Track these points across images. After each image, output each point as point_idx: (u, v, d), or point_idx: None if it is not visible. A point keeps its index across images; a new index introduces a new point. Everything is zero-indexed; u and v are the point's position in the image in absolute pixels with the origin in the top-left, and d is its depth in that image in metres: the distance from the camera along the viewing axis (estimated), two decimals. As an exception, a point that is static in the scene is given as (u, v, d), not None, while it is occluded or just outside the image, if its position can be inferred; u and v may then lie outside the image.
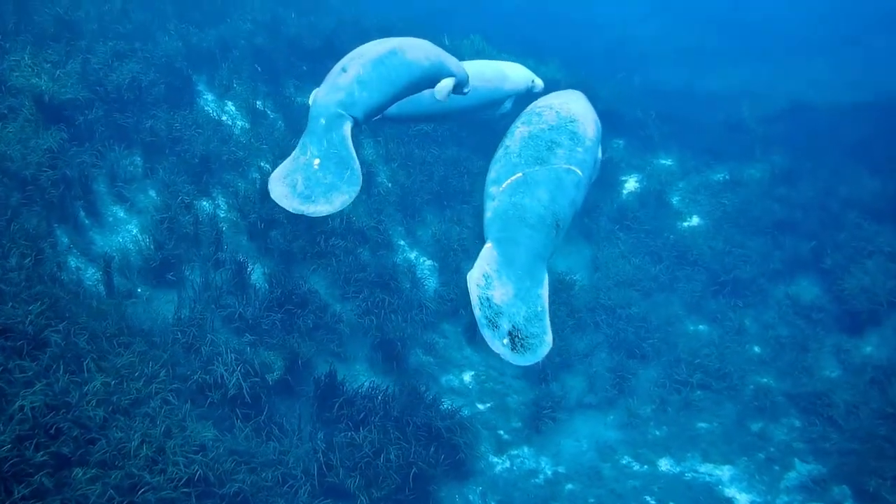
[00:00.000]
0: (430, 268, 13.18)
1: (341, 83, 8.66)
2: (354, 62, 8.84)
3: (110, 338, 8.70)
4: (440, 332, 12.42)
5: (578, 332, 12.78)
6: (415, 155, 14.37)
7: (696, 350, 12.59)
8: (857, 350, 12.83)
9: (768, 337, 13.06)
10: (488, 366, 12.24)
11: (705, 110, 17.68)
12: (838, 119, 17.25)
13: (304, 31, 15.97)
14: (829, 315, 13.28)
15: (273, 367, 9.61)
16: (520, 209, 8.23)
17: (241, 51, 15.06)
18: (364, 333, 11.53)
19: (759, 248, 14.09)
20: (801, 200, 14.79)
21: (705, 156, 16.45)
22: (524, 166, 8.63)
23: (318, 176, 8.09)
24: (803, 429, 11.75)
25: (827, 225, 14.38)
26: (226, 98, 14.06)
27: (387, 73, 8.82)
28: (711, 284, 13.67)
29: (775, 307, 13.48)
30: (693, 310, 13.52)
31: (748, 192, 15.26)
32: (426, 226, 13.75)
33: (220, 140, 12.66)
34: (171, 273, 10.36)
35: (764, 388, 12.24)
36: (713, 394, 12.24)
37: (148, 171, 11.59)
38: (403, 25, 18.18)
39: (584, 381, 12.26)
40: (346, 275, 11.98)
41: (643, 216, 14.45)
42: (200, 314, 9.85)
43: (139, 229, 10.85)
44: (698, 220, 15.08)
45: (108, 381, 8.13)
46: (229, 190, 12.23)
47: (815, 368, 12.49)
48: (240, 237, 11.75)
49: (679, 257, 13.98)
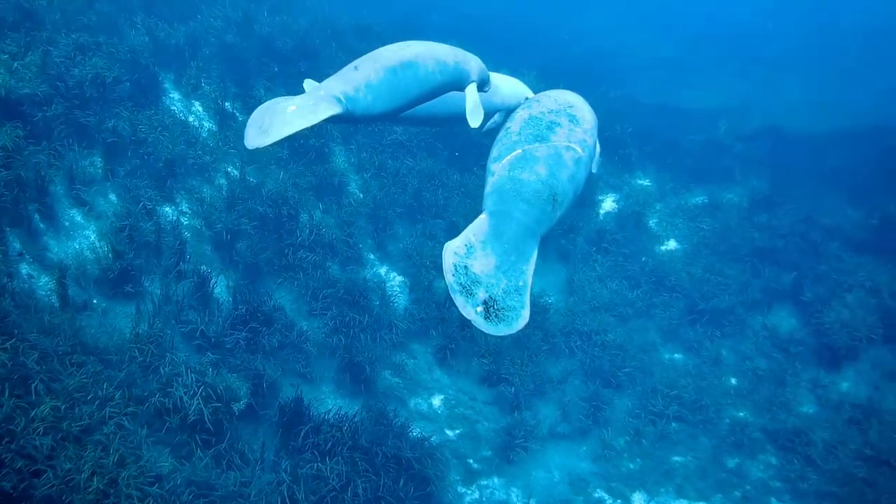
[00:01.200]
0: (401, 284, 12.67)
1: (351, 78, 8.45)
2: (368, 64, 8.54)
3: (62, 356, 8.06)
4: (410, 352, 11.93)
5: (553, 357, 12.38)
6: (388, 166, 13.86)
7: (673, 381, 12.26)
8: (833, 386, 12.62)
9: (745, 369, 12.78)
10: (458, 390, 11.78)
11: (683, 128, 17.41)
12: (815, 144, 17.07)
13: (276, 31, 15.38)
14: (807, 348, 13.04)
15: (238, 393, 9.00)
16: (517, 183, 8.17)
17: (211, 49, 14.43)
18: (331, 354, 11.00)
19: (737, 277, 13.83)
20: (781, 229, 14.55)
21: (684, 177, 16.16)
22: (523, 144, 8.61)
23: (284, 115, 7.83)
24: (780, 467, 11.47)
25: (807, 255, 14.15)
26: (193, 98, 13.42)
27: (397, 85, 8.58)
28: (689, 312, 13.36)
29: (752, 338, 13.22)
30: (669, 337, 13.18)
31: (727, 218, 14.99)
32: (397, 240, 13.26)
33: (187, 143, 12.02)
34: (130, 285, 9.69)
35: (740, 422, 11.94)
36: (689, 426, 11.91)
37: (108, 173, 10.89)
38: (380, 28, 17.70)
39: (557, 410, 11.85)
40: (314, 290, 11.46)
41: (621, 239, 14.07)
42: (160, 330, 9.22)
43: (97, 235, 10.17)
44: (675, 245, 14.75)
45: (57, 405, 7.49)
46: (194, 196, 11.61)
47: (793, 404, 12.24)
48: (203, 246, 11.15)
49: (657, 283, 13.64)
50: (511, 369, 11.80)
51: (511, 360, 11.89)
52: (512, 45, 19.74)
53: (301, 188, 12.73)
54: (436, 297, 12.53)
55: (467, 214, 13.44)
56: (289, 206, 12.03)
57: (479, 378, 11.94)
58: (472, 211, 13.48)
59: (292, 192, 12.34)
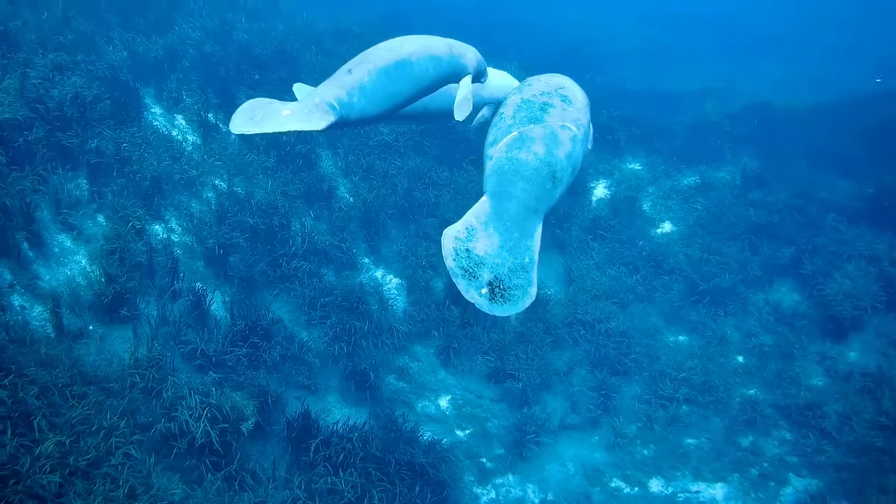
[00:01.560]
0: (398, 286, 12.50)
1: (345, 82, 8.49)
2: (362, 67, 8.57)
3: (62, 388, 7.87)
4: (412, 355, 11.77)
5: (557, 349, 12.23)
6: (376, 167, 13.68)
7: (680, 363, 12.12)
8: (841, 357, 12.51)
9: (751, 346, 12.66)
10: (465, 389, 11.64)
11: (670, 111, 17.28)
12: (802, 120, 16.96)
13: (254, 38, 15.17)
14: (812, 321, 12.93)
15: (245, 412, 8.81)
16: (515, 163, 8.28)
17: (191, 60, 14.20)
18: (334, 362, 10.84)
19: (735, 255, 13.69)
20: (776, 204, 14.42)
21: (674, 159, 16.02)
22: (518, 126, 8.73)
23: (277, 116, 7.88)
24: (795, 442, 11.36)
25: (804, 229, 14.04)
26: (175, 111, 13.21)
27: (391, 85, 8.65)
28: (690, 294, 13.22)
29: (756, 315, 13.10)
30: (672, 320, 13.05)
31: (721, 197, 14.87)
32: (391, 241, 13.08)
33: (172, 158, 11.81)
34: (126, 308, 9.49)
35: (751, 400, 11.83)
36: (699, 408, 11.80)
37: (95, 194, 10.69)
38: (359, 29, 17.51)
39: (565, 401, 11.72)
40: (311, 299, 11.29)
41: (616, 225, 13.92)
42: (159, 353, 9.03)
43: (88, 260, 9.97)
44: (671, 227, 14.63)
45: (62, 440, 7.31)
46: (183, 212, 11.41)
47: (802, 377, 12.12)
48: (196, 263, 10.95)
49: (655, 266, 13.50)
50: (516, 364, 11.66)
51: (516, 356, 11.75)
52: (494, 37, 19.59)
53: (290, 196, 12.55)
54: (434, 297, 12.37)
55: (459, 211, 13.22)
56: (279, 215, 11.85)
57: (485, 376, 11.79)
58: (463, 208, 13.32)
59: (282, 200, 12.15)
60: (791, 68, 21.66)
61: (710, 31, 23.60)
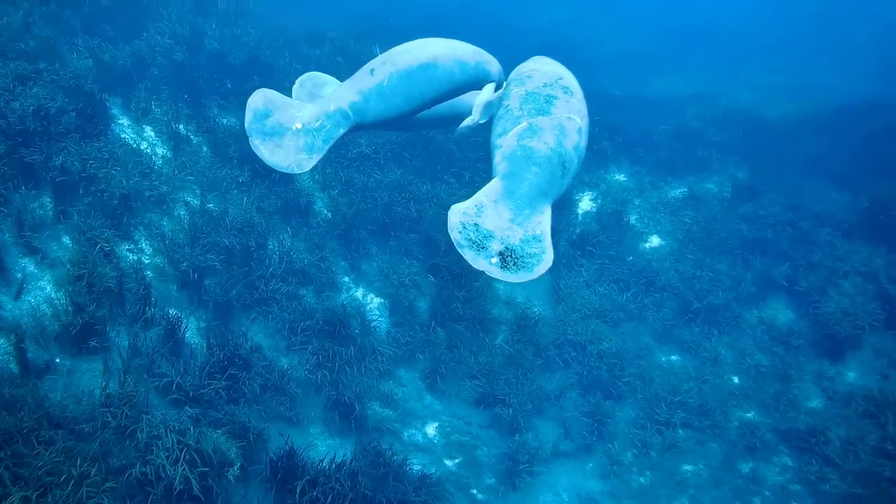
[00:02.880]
0: (380, 306, 11.95)
1: (363, 86, 8.68)
2: (384, 69, 8.68)
3: (27, 435, 7.20)
4: (397, 379, 11.23)
5: (547, 371, 11.77)
6: (356, 180, 13.11)
7: (675, 386, 11.69)
8: (840, 377, 12.18)
9: (746, 366, 12.28)
10: (452, 415, 11.11)
11: (654, 119, 16.89)
12: (788, 129, 16.73)
13: (226, 45, 14.51)
14: (808, 340, 12.60)
15: (228, 455, 8.14)
16: (527, 150, 8.44)
17: (160, 68, 13.48)
18: (317, 391, 10.26)
19: (728, 271, 13.31)
20: (769, 218, 14.04)
21: (660, 170, 15.63)
22: (527, 117, 8.85)
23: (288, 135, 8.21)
24: (798, 469, 10.98)
25: (798, 244, 13.66)
26: (144, 122, 12.51)
27: (411, 88, 8.75)
28: (682, 311, 12.81)
29: (750, 333, 12.72)
30: (664, 339, 12.64)
31: (711, 210, 14.48)
32: (371, 259, 12.54)
33: (141, 174, 11.12)
34: (95, 338, 8.80)
35: (750, 424, 11.44)
36: (696, 433, 11.39)
37: (60, 215, 9.97)
38: (334, 34, 16.95)
39: (557, 427, 11.25)
40: (291, 323, 10.71)
41: (605, 240, 13.46)
42: (132, 388, 8.36)
43: (53, 286, 9.27)
44: (660, 241, 14.21)
45: (27, 494, 6.66)
46: (154, 232, 10.74)
47: (801, 400, 11.77)
48: (169, 286, 10.30)
49: (647, 283, 13.06)
50: (506, 389, 11.16)
51: (506, 380, 11.25)
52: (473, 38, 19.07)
53: (266, 212, 11.96)
54: (419, 318, 11.86)
55: (443, 227, 12.73)
56: (255, 233, 11.26)
57: (473, 401, 11.28)
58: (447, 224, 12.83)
59: (257, 217, 11.56)
60: (773, 76, 21.44)
61: (692, 38, 23.35)
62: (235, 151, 12.65)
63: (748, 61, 22.83)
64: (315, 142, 8.58)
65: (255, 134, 8.25)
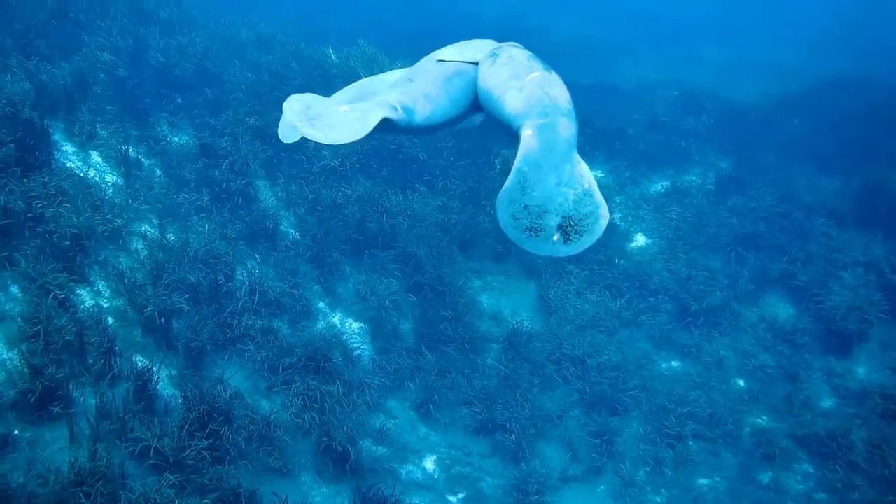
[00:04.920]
0: (361, 332, 11.12)
1: (409, 88, 8.33)
2: (424, 76, 8.44)
3: (-11, 533, 6.28)
4: (387, 412, 10.43)
5: (547, 390, 11.06)
6: (323, 196, 12.20)
7: (682, 396, 11.07)
8: (849, 374, 11.63)
9: (751, 368, 11.69)
10: (450, 445, 10.36)
11: (625, 108, 16.19)
12: (763, 112, 16.14)
13: (172, 56, 13.43)
14: (812, 336, 12.03)
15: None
16: (553, 98, 7.81)
17: (103, 86, 12.34)
18: (305, 435, 9.39)
19: (723, 269, 12.69)
20: (759, 211, 13.40)
21: (639, 164, 14.94)
22: (539, 69, 8.17)
23: (333, 117, 7.68)
24: (821, 476, 10.39)
25: (794, 237, 13.06)
26: (90, 147, 11.43)
27: (453, 92, 8.40)
28: (679, 315, 12.16)
29: (751, 332, 12.11)
30: (662, 344, 12.01)
31: (697, 204, 13.81)
32: (346, 279, 11.69)
33: (92, 207, 10.04)
34: (57, 403, 7.82)
35: (764, 430, 10.87)
36: (708, 443, 10.80)
37: (5, 262, 8.93)
38: (284, 37, 15.96)
39: (563, 450, 10.55)
40: (269, 362, 9.82)
41: (593, 244, 12.72)
42: (105, 459, 7.43)
43: (5, 345, 8.22)
44: (646, 240, 13.55)
45: None
46: (111, 272, 9.70)
47: (814, 400, 11.20)
48: (132, 331, 9.30)
49: (640, 287, 12.38)
50: (506, 413, 10.43)
51: (504, 404, 10.52)
52: (424, 30, 18.30)
53: (231, 239, 11.04)
54: (404, 343, 11.07)
55: (418, 241, 11.97)
56: (222, 264, 10.34)
57: (471, 428, 10.53)
58: (422, 236, 12.05)
59: (222, 246, 10.63)
60: (731, 54, 20.94)
61: (644, 21, 22.77)
62: (191, 173, 11.69)
63: (704, 41, 22.35)
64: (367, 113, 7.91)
65: (303, 122, 7.60)
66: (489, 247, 12.58)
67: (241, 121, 12.71)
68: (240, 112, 12.89)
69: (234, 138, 12.44)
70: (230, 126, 12.64)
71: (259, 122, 12.68)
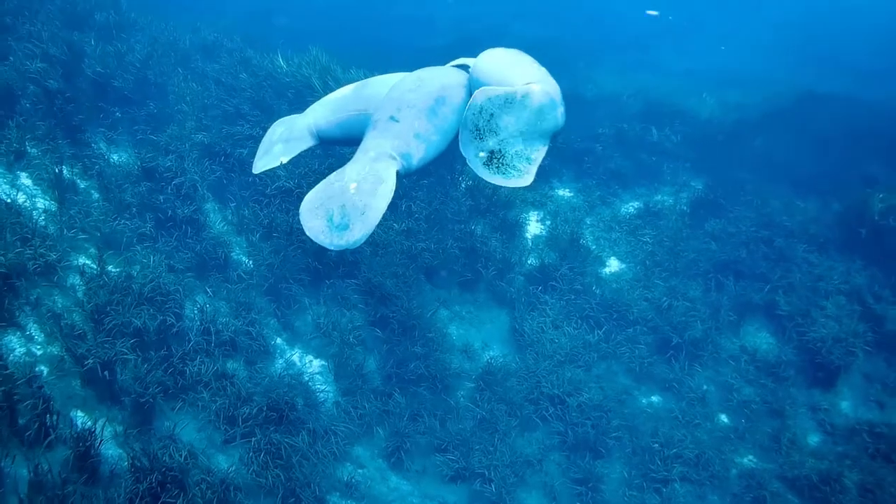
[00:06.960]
0: (322, 370, 10.19)
1: (398, 131, 8.17)
2: (408, 113, 8.22)
3: None
4: (355, 460, 9.53)
5: (526, 431, 10.25)
6: (279, 221, 11.19)
7: (667, 435, 10.36)
8: (834, 408, 11.06)
9: (735, 403, 11.05)
10: (424, 496, 9.50)
11: (590, 121, 15.39)
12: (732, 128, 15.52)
13: (110, 65, 12.29)
14: (795, 368, 11.46)
15: None
16: None
17: (32, 99, 11.18)
18: (267, 494, 8.43)
19: (702, 297, 12.03)
20: (739, 236, 12.78)
21: (610, 182, 14.23)
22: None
23: (354, 200, 7.56)
24: (815, 525, 9.78)
25: (774, 264, 12.42)
26: (18, 169, 10.28)
27: (441, 124, 8.33)
28: (659, 347, 11.45)
29: (733, 365, 11.47)
30: (642, 378, 11.28)
31: (671, 227, 13.11)
32: (304, 311, 10.71)
33: (21, 239, 8.96)
34: (-16, 479, 6.81)
35: (751, 471, 10.26)
36: (695, 486, 10.09)
37: (-81, 309, 7.83)
38: (231, 44, 14.89)
39: (545, 498, 9.74)
40: (225, 412, 8.82)
41: (568, 272, 11.92)
42: (44, 547, 6.41)
43: (-80, 410, 7.15)
44: (619, 265, 12.81)
45: None
46: (45, 314, 8.61)
47: (800, 438, 10.60)
48: (70, 382, 8.22)
49: (619, 318, 11.62)
50: (484, 460, 9.59)
51: (482, 450, 9.69)
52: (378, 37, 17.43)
53: (178, 271, 10.01)
54: (370, 383, 10.16)
55: (383, 268, 11.07)
56: (170, 301, 9.30)
57: (446, 477, 9.66)
58: (387, 264, 11.14)
59: (169, 279, 9.59)
60: (692, 62, 20.38)
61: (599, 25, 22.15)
62: (133, 196, 10.60)
63: (660, 47, 21.79)
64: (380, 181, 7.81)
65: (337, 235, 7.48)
66: (457, 273, 11.69)
67: (186, 136, 11.67)
68: (185, 127, 11.84)
69: (180, 157, 11.39)
70: (175, 142, 11.60)
71: (207, 139, 11.64)
